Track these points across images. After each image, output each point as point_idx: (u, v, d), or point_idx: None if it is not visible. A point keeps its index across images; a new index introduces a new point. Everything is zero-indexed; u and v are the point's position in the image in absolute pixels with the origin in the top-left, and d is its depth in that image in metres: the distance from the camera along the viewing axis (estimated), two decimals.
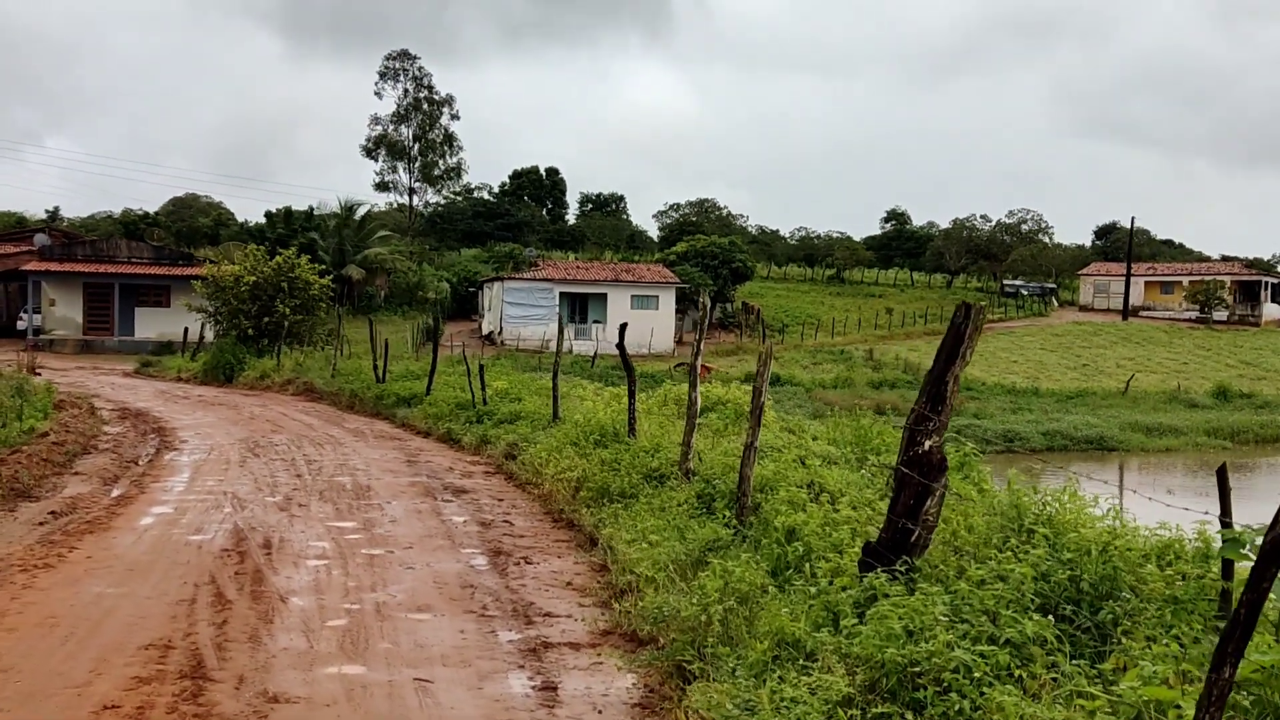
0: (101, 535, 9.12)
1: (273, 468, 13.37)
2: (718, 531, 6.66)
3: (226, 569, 7.83)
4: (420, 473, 13.29)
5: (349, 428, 18.90)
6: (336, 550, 8.57)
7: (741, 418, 13.86)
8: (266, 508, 10.45)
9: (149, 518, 9.98)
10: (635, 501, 9.10)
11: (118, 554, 8.40)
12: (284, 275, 30.42)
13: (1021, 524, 5.39)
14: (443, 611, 6.90)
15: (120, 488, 11.95)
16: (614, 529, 8.37)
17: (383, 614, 6.77)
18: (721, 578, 5.77)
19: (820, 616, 5.06)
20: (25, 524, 9.71)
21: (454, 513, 10.53)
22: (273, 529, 9.35)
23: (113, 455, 14.91)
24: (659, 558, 6.82)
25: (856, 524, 6.31)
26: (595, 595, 7.41)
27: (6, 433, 15.18)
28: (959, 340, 5.14)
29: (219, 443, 16.11)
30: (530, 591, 7.52)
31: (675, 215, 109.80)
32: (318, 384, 25.15)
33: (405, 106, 72.21)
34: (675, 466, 9.65)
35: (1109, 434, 35.18)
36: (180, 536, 9.05)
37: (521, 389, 19.04)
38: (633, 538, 7.81)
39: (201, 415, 20.65)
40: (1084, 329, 67.88)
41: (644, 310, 54.39)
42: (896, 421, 33.25)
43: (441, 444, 16.66)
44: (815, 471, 7.63)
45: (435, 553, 8.65)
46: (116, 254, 46.93)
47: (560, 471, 10.88)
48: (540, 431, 14.28)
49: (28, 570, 7.82)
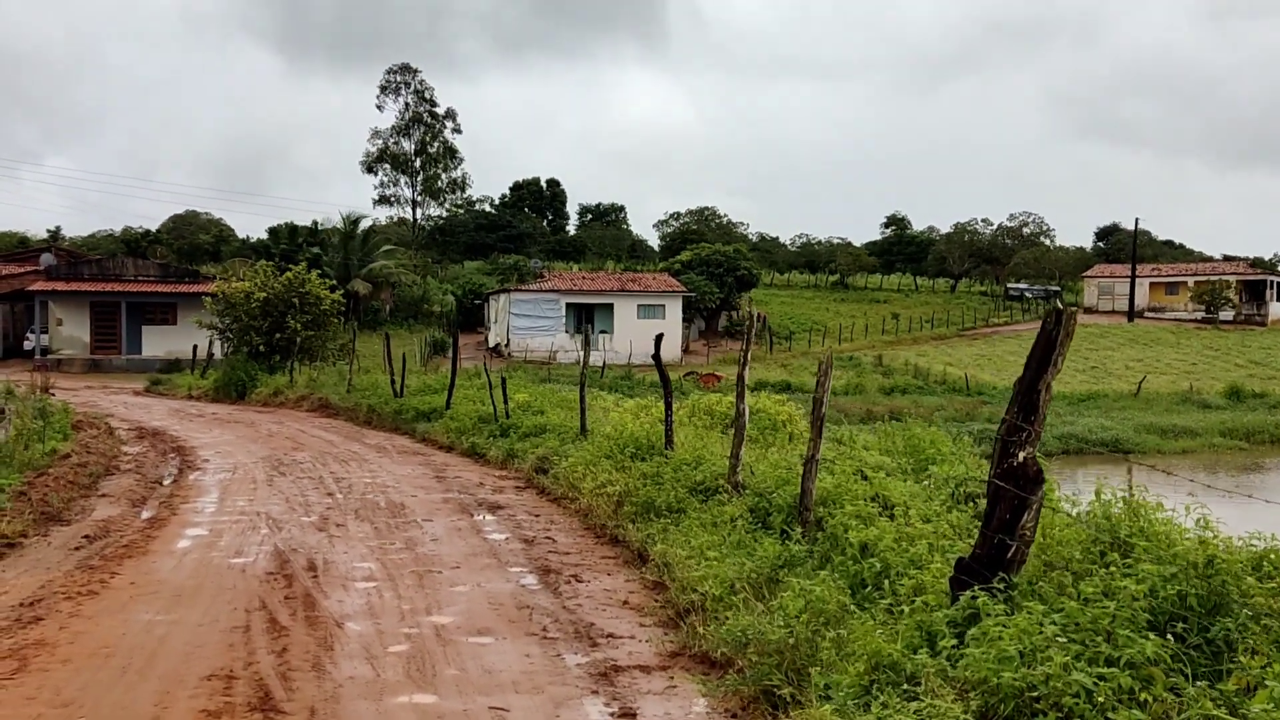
0: (141, 560, 8.95)
1: (301, 486, 13.20)
2: (790, 549, 6.49)
3: (275, 593, 7.66)
4: (451, 489, 13.12)
5: (370, 443, 18.73)
6: (383, 571, 8.40)
7: (772, 429, 13.73)
8: (304, 528, 10.27)
9: (185, 540, 9.81)
10: (683, 516, 8.93)
11: (161, 579, 8.23)
12: (295, 291, 30.29)
13: (1116, 536, 5.23)
14: (504, 634, 6.73)
15: (150, 510, 11.78)
16: (665, 545, 8.19)
17: (443, 638, 6.60)
18: (802, 597, 5.60)
19: (914, 637, 4.89)
20: (61, 549, 9.55)
21: (494, 530, 10.36)
22: (315, 550, 9.18)
23: (136, 476, 14.74)
24: (725, 575, 6.65)
25: (932, 539, 6.14)
26: (655, 615, 7.24)
27: (29, 455, 15.03)
28: (1050, 347, 4.98)
29: (242, 461, 15.94)
30: (587, 611, 7.35)
31: (676, 224, 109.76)
32: (333, 400, 24.98)
33: (407, 120, 72.17)
34: (721, 480, 9.48)
35: (1124, 436, 34.97)
36: (221, 560, 8.88)
37: (543, 401, 18.87)
38: (688, 554, 7.63)
39: (219, 433, 20.48)
40: (1090, 331, 67.71)
41: (651, 320, 54.26)
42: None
43: (466, 459, 16.49)
44: (879, 484, 7.46)
45: (483, 572, 8.48)
46: (123, 272, 46.82)
47: (599, 486, 10.70)
48: (569, 445, 14.11)
49: (72, 598, 7.66)
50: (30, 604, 7.51)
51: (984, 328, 70.03)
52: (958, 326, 69.07)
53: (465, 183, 74.81)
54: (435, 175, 72.89)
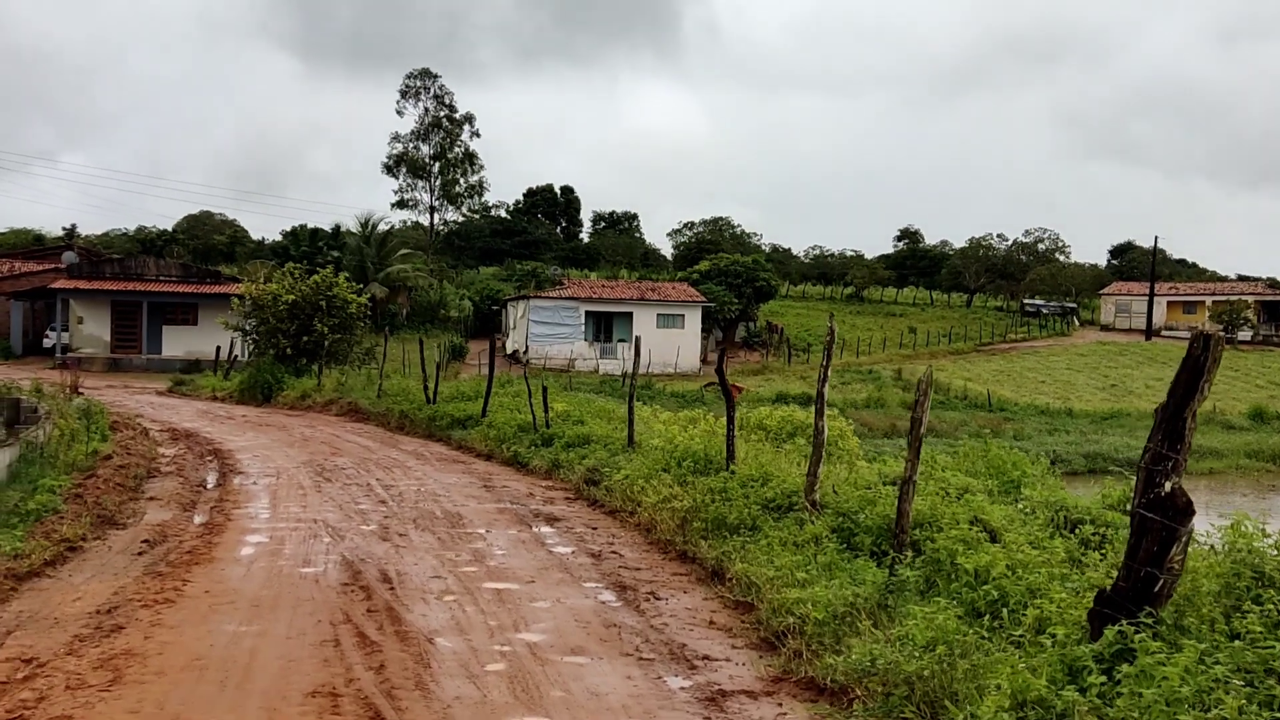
0: (208, 567, 8.84)
1: (351, 494, 13.08)
2: (901, 574, 6.33)
3: (356, 606, 7.54)
4: (502, 499, 12.99)
5: (406, 449, 18.62)
6: (459, 585, 8.27)
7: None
8: (366, 538, 10.15)
9: (248, 548, 9.69)
10: (758, 534, 8.79)
11: (234, 588, 8.11)
12: (322, 294, 30.21)
13: (1260, 571, 5.08)
14: (598, 654, 6.59)
15: (201, 514, 11.67)
16: (746, 564, 8.05)
17: (539, 656, 6.47)
18: (927, 625, 5.45)
19: (1056, 672, 4.74)
20: (123, 554, 9.44)
21: (556, 543, 10.23)
22: (384, 561, 9.05)
23: (178, 479, 14.65)
24: (826, 599, 6.50)
25: (1047, 567, 6.00)
26: (745, 636, 7.10)
27: (73, 455, 14.95)
28: (1197, 373, 4.84)
29: (283, 466, 15.83)
30: (675, 631, 7.21)
31: (690, 234, 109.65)
32: (363, 404, 24.87)
33: (426, 125, 72.23)
34: (794, 497, 9.35)
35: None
36: (290, 569, 8.76)
37: (581, 411, 18.73)
38: (775, 575, 7.49)
39: (253, 436, 20.38)
40: (1109, 349, 67.46)
41: (670, 329, 54.17)
42: (940, 445, 32.67)
43: (507, 468, 16.35)
44: (976, 507, 7.32)
45: (559, 587, 8.34)
46: (144, 272, 46.84)
47: (662, 501, 10.56)
48: (618, 457, 13.98)
49: (149, 606, 7.54)
50: (108, 611, 7.40)
51: (1001, 344, 69.77)
52: (975, 342, 68.83)
53: (483, 187, 74.76)
54: (454, 180, 72.84)
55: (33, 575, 8.47)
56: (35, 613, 7.42)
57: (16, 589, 8.07)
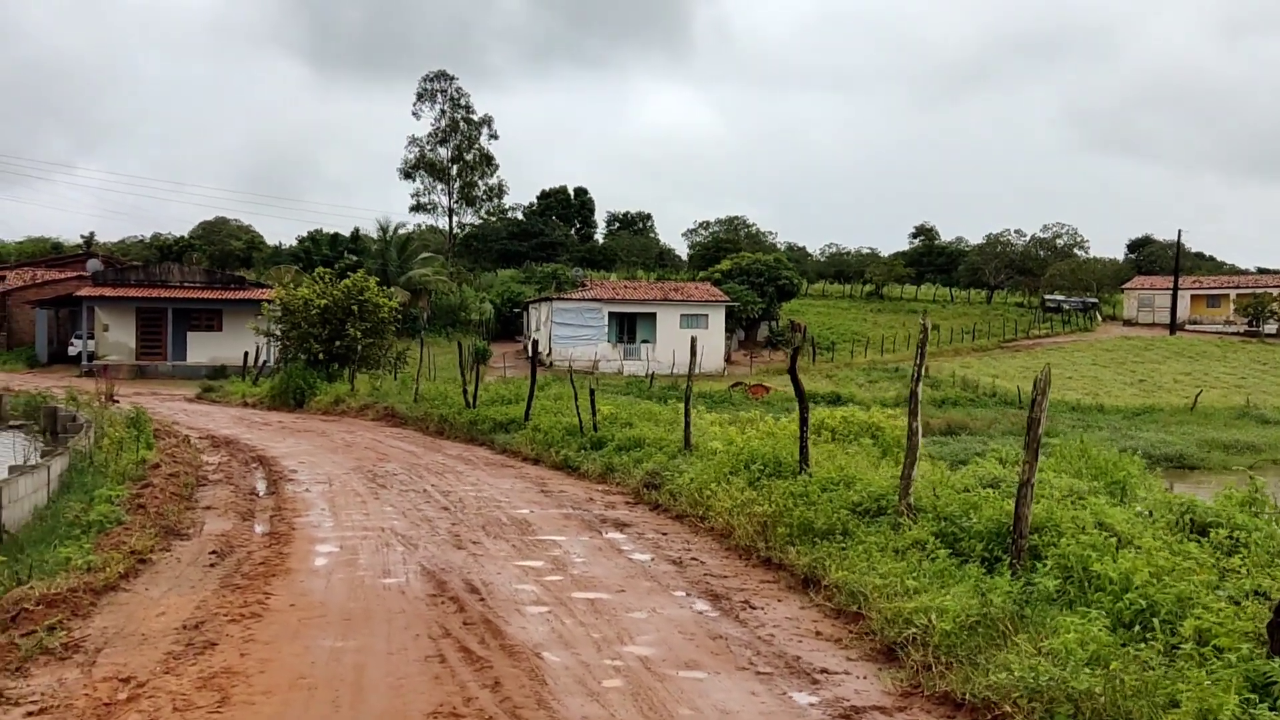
0: (286, 579, 8.62)
1: (410, 500, 12.87)
2: (1043, 582, 6.05)
3: (451, 618, 7.30)
4: (563, 504, 12.75)
5: (451, 454, 18.41)
6: (549, 595, 8.03)
7: (894, 445, 13.31)
8: (440, 546, 9.92)
9: (321, 558, 9.48)
10: (850, 540, 8.52)
11: (318, 600, 7.89)
12: (354, 298, 30.05)
13: None
14: (714, 668, 6.34)
15: (262, 524, 11.46)
16: (845, 572, 7.78)
17: (654, 671, 6.22)
18: (1079, 636, 5.18)
19: (1242, 689, 4.46)
20: (194, 566, 9.24)
21: (633, 549, 9.98)
22: (465, 571, 8.82)
23: (229, 486, 14.46)
24: (955, 609, 6.23)
25: (1195, 573, 5.72)
26: (857, 648, 6.84)
27: (122, 464, 14.79)
28: None
29: (332, 473, 15.63)
30: (783, 642, 6.95)
31: (706, 233, 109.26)
32: (399, 409, 24.68)
33: (443, 127, 72.08)
34: (880, 501, 9.09)
35: (1187, 452, 34.30)
36: (372, 580, 8.54)
37: (628, 413, 18.48)
38: (882, 583, 7.22)
39: (294, 443, 20.20)
40: (1134, 344, 66.87)
41: (693, 330, 53.79)
42: (971, 444, 32.01)
43: (558, 472, 16.10)
44: (1099, 510, 7.03)
45: (650, 596, 8.10)
46: (169, 278, 46.85)
47: (738, 505, 10.29)
48: (676, 460, 13.72)
49: (236, 621, 7.33)
50: (195, 626, 7.19)
51: (1024, 340, 69.26)
52: (998, 338, 68.34)
53: (502, 190, 74.59)
54: (472, 182, 72.68)
55: (109, 589, 8.27)
56: (120, 628, 7.22)
57: (95, 603, 7.87)
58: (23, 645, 6.70)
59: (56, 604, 7.60)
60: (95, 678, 6.16)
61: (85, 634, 7.08)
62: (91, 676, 6.20)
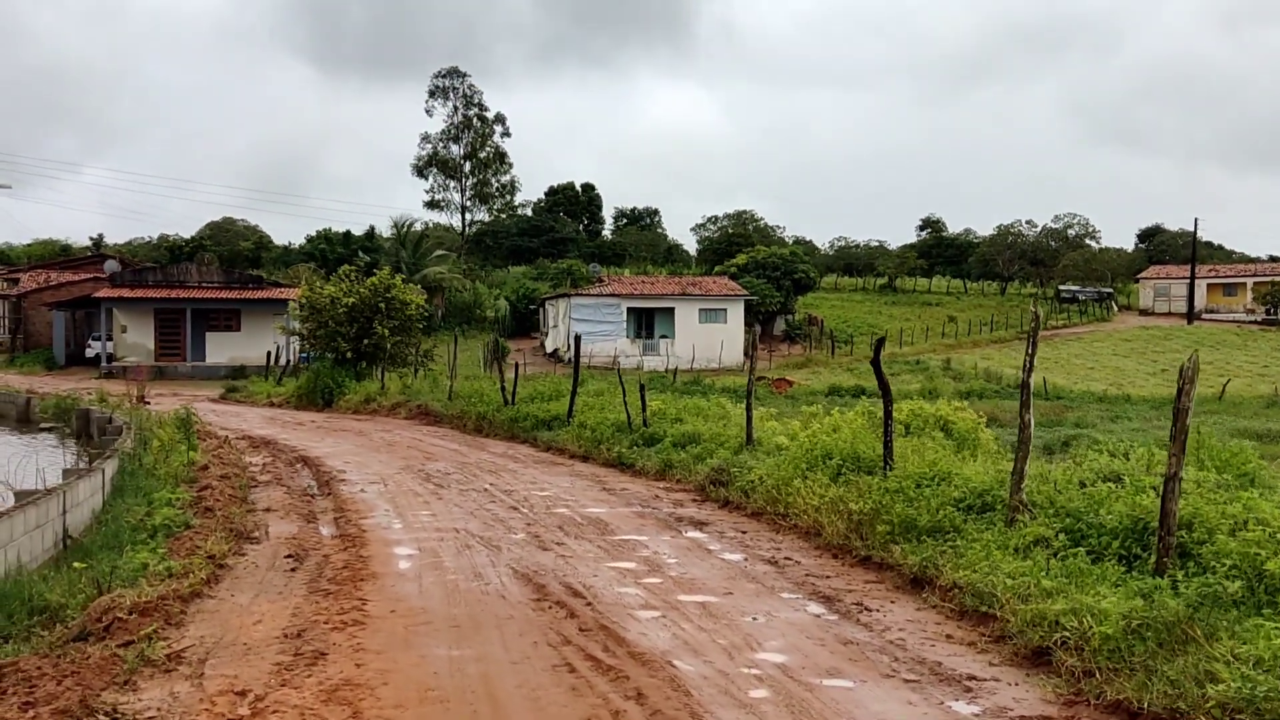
0: (374, 583, 8.33)
1: (474, 500, 12.57)
2: (1223, 585, 5.71)
3: (565, 625, 7.00)
4: (630, 502, 12.45)
5: (496, 452, 18.12)
6: (656, 599, 7.72)
7: (968, 439, 12.99)
8: (523, 547, 9.62)
9: (404, 561, 9.18)
10: (959, 538, 8.21)
11: (417, 606, 7.58)
12: (381, 295, 29.75)
13: None
14: (858, 676, 6.03)
15: (327, 526, 11.17)
16: (966, 572, 7.46)
17: (798, 680, 5.91)
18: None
19: None
20: (273, 570, 8.95)
21: (721, 549, 9.67)
22: (560, 574, 8.51)
23: (280, 488, 14.19)
24: (1107, 611, 5.91)
25: None
26: (994, 652, 6.53)
27: (172, 467, 14.52)
28: None
29: (383, 472, 15.34)
30: (917, 647, 6.63)
31: (715, 228, 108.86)
32: (434, 407, 24.38)
33: (456, 124, 71.74)
34: (985, 496, 8.77)
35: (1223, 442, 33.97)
36: (465, 584, 8.24)
37: (677, 409, 18.16)
38: (1013, 583, 6.90)
39: (333, 443, 19.91)
40: (1152, 333, 66.43)
41: (712, 324, 53.58)
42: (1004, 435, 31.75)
43: (611, 469, 15.78)
44: (1252, 504, 6.71)
45: (759, 599, 7.78)
46: (187, 279, 46.59)
47: (826, 503, 9.98)
48: (741, 456, 13.40)
49: (339, 629, 7.04)
50: (296, 635, 6.90)
51: (1043, 331, 68.76)
52: (1016, 330, 67.86)
53: (515, 187, 74.22)
54: (485, 180, 72.34)
55: (194, 596, 7.99)
56: (219, 638, 6.93)
57: (185, 611, 7.59)
58: (127, 657, 6.42)
59: (149, 613, 7.31)
60: (209, 691, 5.88)
61: (184, 644, 6.80)
62: (204, 690, 5.92)
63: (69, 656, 6.47)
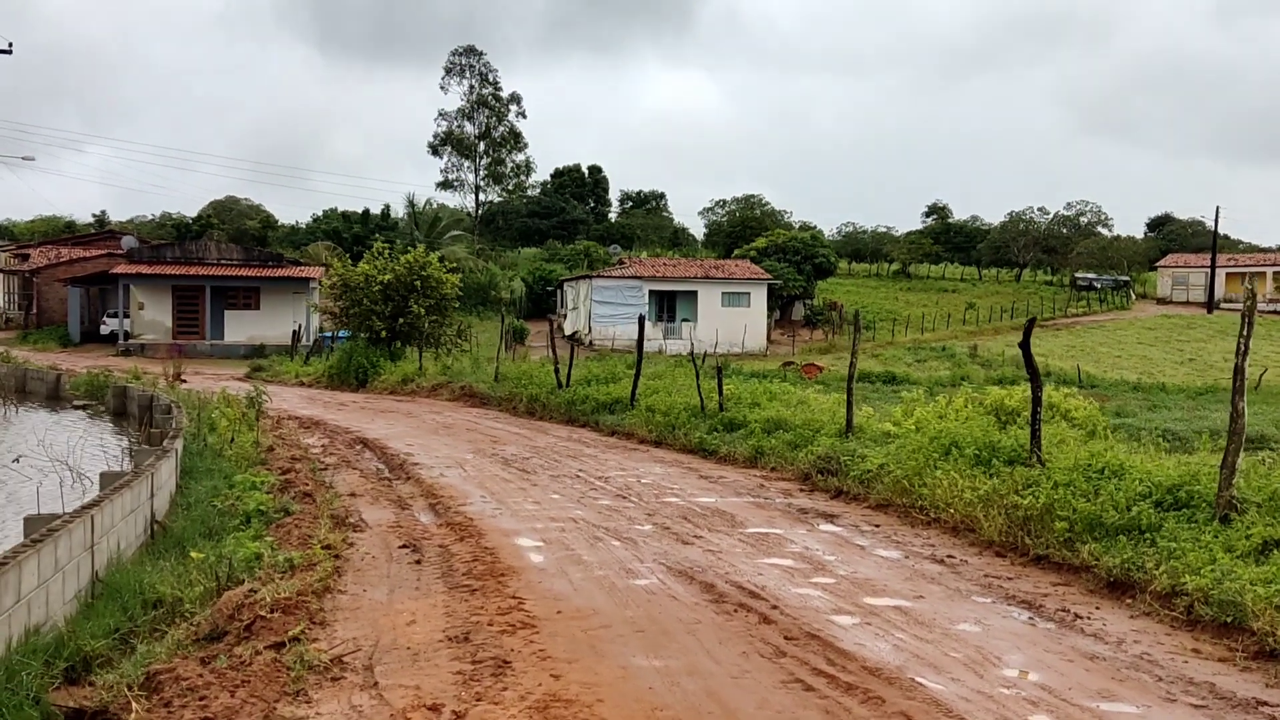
0: (517, 579, 7.58)
1: (571, 487, 11.83)
2: None
3: (763, 631, 6.27)
4: (739, 491, 11.72)
5: (560, 436, 17.40)
6: (844, 602, 6.98)
7: (1089, 430, 12.28)
8: (659, 540, 8.90)
9: (534, 554, 8.44)
10: (1158, 537, 7.49)
11: (584, 606, 6.85)
12: (416, 273, 28.93)
13: None
14: (1138, 700, 5.30)
15: (424, 513, 10.43)
16: (1194, 577, 6.74)
17: (1071, 703, 5.19)
18: None
19: None
20: (395, 563, 8.23)
21: (870, 545, 8.95)
22: (720, 570, 7.78)
23: (353, 470, 13.47)
24: None
25: None
26: (1261, 670, 5.81)
27: (241, 449, 13.80)
28: None
29: (454, 456, 14.60)
30: (1173, 665, 5.90)
31: (722, 212, 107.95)
32: (479, 388, 23.62)
33: (472, 103, 70.64)
34: (1176, 492, 8.06)
35: (1267, 433, 33.30)
36: (620, 582, 7.50)
37: (751, 393, 17.42)
38: (1266, 592, 6.18)
39: (385, 424, 19.17)
40: (1174, 322, 65.79)
41: (735, 308, 52.80)
42: None
43: (690, 455, 15.04)
44: None
45: (955, 604, 7.05)
46: (205, 256, 45.69)
47: (981, 497, 9.24)
48: (849, 444, 12.66)
49: (508, 631, 6.31)
50: (463, 638, 6.18)
51: (1062, 318, 68.11)
52: (1035, 317, 67.27)
53: (530, 167, 73.20)
54: (500, 159, 71.31)
55: (325, 591, 7.26)
56: (375, 640, 6.21)
57: (323, 609, 6.86)
58: (291, 664, 5.69)
59: (292, 610, 6.58)
60: (396, 706, 5.15)
61: (340, 647, 6.08)
62: (389, 704, 5.19)
63: (226, 662, 5.75)
